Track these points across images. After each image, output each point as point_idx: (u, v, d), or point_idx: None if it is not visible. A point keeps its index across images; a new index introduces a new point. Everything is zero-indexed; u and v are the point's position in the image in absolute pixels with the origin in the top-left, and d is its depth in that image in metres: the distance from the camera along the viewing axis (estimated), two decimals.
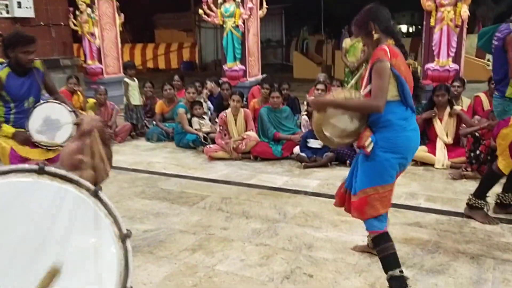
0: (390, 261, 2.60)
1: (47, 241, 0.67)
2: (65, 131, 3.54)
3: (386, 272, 2.59)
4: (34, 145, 3.57)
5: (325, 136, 2.63)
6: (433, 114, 5.22)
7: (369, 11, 2.62)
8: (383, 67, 2.44)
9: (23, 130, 3.51)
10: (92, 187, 0.74)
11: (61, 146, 3.58)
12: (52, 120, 3.49)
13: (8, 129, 3.49)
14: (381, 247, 2.63)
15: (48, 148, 3.60)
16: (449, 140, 5.21)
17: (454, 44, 6.25)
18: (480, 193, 3.67)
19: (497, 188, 3.79)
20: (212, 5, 8.02)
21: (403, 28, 30.02)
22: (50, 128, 3.44)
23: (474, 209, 3.69)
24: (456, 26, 6.14)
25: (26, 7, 8.41)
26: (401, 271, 2.55)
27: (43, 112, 3.53)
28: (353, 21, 2.68)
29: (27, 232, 0.66)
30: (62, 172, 0.72)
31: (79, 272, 0.70)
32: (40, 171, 0.70)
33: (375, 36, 2.55)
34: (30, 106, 3.54)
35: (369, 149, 2.50)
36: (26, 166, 0.69)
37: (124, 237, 0.75)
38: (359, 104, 2.54)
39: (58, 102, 3.63)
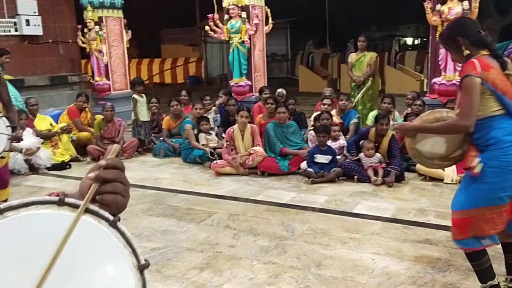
0: (488, 273, 2.56)
1: (66, 270, 0.68)
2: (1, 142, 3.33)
3: (484, 283, 2.56)
4: None
5: (421, 160, 2.64)
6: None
7: (454, 26, 2.51)
8: (471, 83, 2.29)
9: None
10: (110, 217, 0.74)
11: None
12: None
13: None
14: (479, 262, 2.55)
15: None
16: None
17: None
18: None
19: None
20: (218, 22, 8.08)
21: (409, 41, 30.12)
22: None
23: None
24: None
25: (35, 25, 8.51)
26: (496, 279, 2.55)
27: None
28: (439, 38, 2.57)
29: (46, 263, 0.68)
30: (81, 202, 0.73)
31: None
32: (60, 203, 0.71)
33: (465, 52, 2.42)
34: None
35: (476, 170, 2.35)
36: (46, 198, 0.70)
37: (142, 268, 0.75)
38: (445, 126, 2.44)
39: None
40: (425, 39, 22.96)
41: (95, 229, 0.72)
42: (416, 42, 30.58)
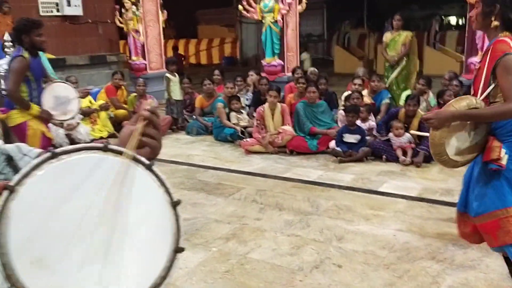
0: None
1: (112, 208, 0.83)
2: (73, 106, 3.94)
3: None
4: (47, 122, 3.96)
5: (447, 157, 2.22)
6: None
7: None
8: None
9: (44, 109, 3.85)
10: (147, 162, 0.88)
11: (73, 118, 4.18)
12: (61, 97, 3.83)
13: (36, 107, 3.78)
14: None
15: (62, 123, 4.01)
16: None
17: None
18: None
19: None
20: (251, 1, 8.12)
21: (452, 20, 28.94)
22: (61, 105, 3.81)
23: None
24: None
25: (75, 5, 8.81)
26: None
27: (52, 92, 3.86)
28: None
29: (94, 201, 0.82)
30: (123, 149, 0.87)
31: (139, 234, 0.85)
32: (105, 149, 0.85)
33: (494, 23, 2.18)
34: (42, 87, 3.87)
35: (504, 162, 2.14)
36: (94, 144, 0.85)
37: (174, 204, 0.89)
38: (495, 111, 2.14)
39: (63, 81, 4.01)
40: None
41: (135, 171, 0.86)
42: (460, 21, 29.39)
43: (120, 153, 0.85)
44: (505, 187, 2.19)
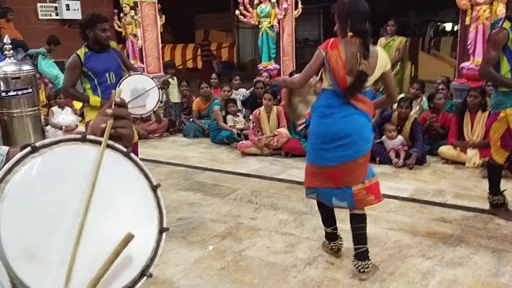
0: None
1: (96, 196, 0.87)
2: (153, 97, 3.75)
3: None
4: None
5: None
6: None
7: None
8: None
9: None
10: (124, 149, 0.93)
11: (154, 112, 4.29)
12: (139, 90, 3.66)
13: (95, 98, 3.81)
14: None
15: (142, 117, 3.99)
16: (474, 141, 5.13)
17: None
18: (493, 189, 3.72)
19: None
20: (248, 6, 8.23)
21: (448, 26, 29.14)
22: (138, 98, 3.62)
23: (495, 206, 3.73)
24: None
25: (74, 9, 8.92)
26: None
27: (129, 85, 3.71)
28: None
29: (77, 191, 0.86)
30: (100, 139, 0.92)
31: (124, 219, 0.90)
32: (83, 139, 0.90)
33: (349, 33, 2.77)
34: (113, 81, 3.83)
35: (300, 128, 2.89)
36: (71, 136, 0.89)
37: (154, 188, 0.94)
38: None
39: (139, 72, 4.00)
40: None
41: (114, 159, 0.90)
42: (455, 27, 29.59)
43: (98, 142, 0.87)
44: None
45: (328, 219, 3.14)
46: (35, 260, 0.77)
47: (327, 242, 3.19)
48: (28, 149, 0.81)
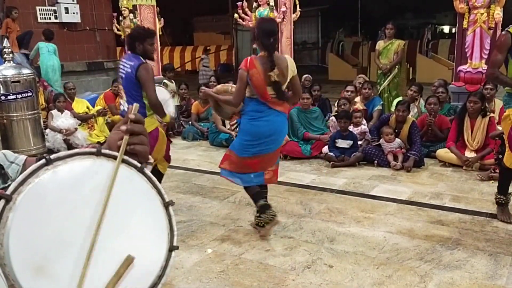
0: None
1: (108, 211, 0.86)
2: (171, 107, 4.14)
3: None
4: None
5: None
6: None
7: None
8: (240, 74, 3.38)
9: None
10: (138, 164, 0.93)
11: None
12: (161, 100, 3.76)
13: (168, 115, 3.89)
14: None
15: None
16: (474, 147, 5.14)
17: (487, 46, 6.20)
18: (501, 190, 3.76)
19: None
20: (247, 9, 8.26)
21: (445, 29, 29.25)
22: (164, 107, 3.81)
23: (498, 205, 3.78)
24: (490, 28, 6.10)
25: (73, 13, 8.93)
26: None
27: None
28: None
29: (89, 205, 0.86)
30: (114, 153, 0.92)
31: (135, 235, 0.90)
32: (98, 153, 0.90)
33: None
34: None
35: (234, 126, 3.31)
36: (86, 149, 0.88)
37: (167, 205, 0.94)
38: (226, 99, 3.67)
39: (158, 85, 4.08)
40: None
41: (128, 174, 0.90)
42: (453, 30, 29.67)
43: (112, 157, 0.87)
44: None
45: (258, 193, 3.62)
46: (43, 274, 0.76)
47: (258, 215, 3.58)
48: (43, 161, 0.81)
